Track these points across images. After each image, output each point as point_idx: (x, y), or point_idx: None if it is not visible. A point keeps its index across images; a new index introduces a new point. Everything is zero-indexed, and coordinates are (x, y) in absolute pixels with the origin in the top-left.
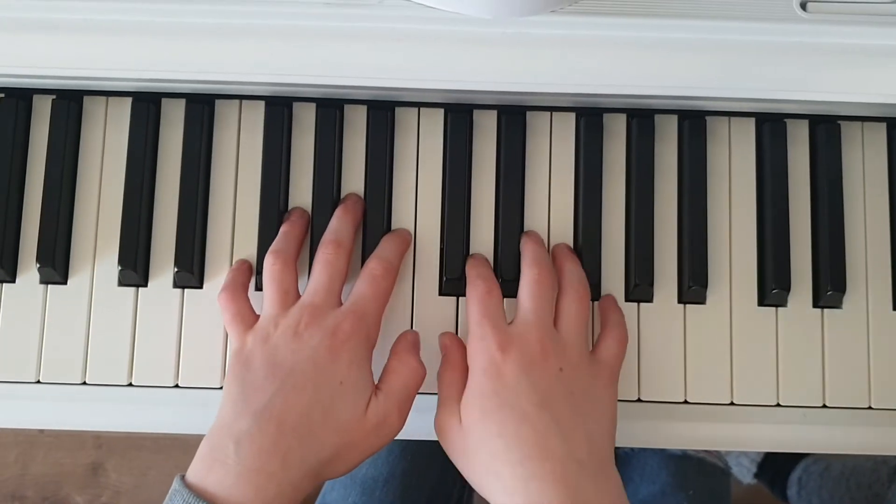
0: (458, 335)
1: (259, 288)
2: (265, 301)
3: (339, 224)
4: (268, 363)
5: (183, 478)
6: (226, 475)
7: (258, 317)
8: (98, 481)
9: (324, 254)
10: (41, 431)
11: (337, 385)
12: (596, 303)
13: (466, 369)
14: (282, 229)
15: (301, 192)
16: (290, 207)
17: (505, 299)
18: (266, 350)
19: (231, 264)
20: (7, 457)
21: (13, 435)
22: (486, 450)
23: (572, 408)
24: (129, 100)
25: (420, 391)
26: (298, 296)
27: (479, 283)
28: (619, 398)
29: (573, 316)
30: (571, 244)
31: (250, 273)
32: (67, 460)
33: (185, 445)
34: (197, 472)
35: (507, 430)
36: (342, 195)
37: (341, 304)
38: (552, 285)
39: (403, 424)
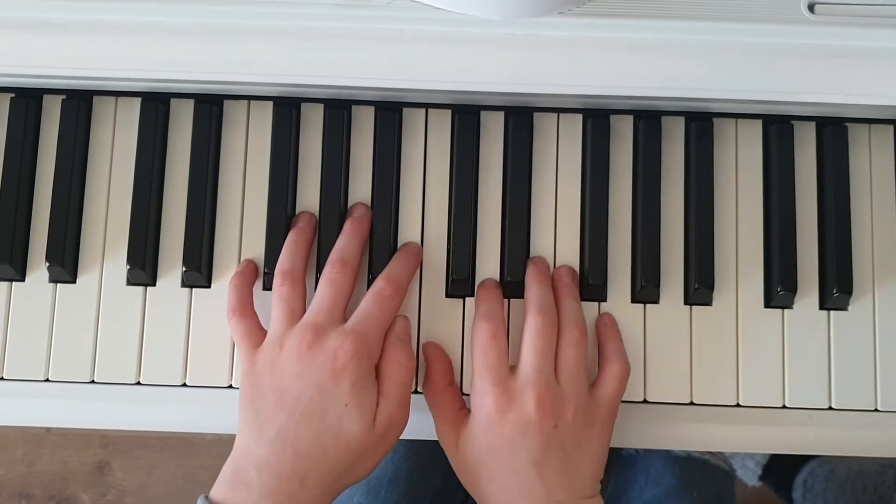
0: (463, 336)
1: (266, 287)
2: (272, 320)
3: (347, 242)
4: (275, 388)
5: (207, 497)
6: (249, 496)
7: (265, 332)
8: (104, 480)
9: (330, 273)
10: (48, 430)
11: (342, 408)
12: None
13: (448, 385)
14: (289, 239)
15: (309, 193)
16: (297, 207)
17: (511, 300)
18: (273, 374)
19: (238, 264)
20: (14, 455)
21: (20, 433)
22: (476, 485)
23: (560, 459)
24: (138, 100)
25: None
26: (304, 313)
27: (484, 326)
28: (625, 399)
29: (571, 362)
30: (578, 245)
31: (254, 280)
32: (74, 459)
33: (190, 445)
34: (221, 492)
35: (496, 478)
36: (349, 196)
37: (345, 320)
38: (555, 332)
39: (408, 418)
